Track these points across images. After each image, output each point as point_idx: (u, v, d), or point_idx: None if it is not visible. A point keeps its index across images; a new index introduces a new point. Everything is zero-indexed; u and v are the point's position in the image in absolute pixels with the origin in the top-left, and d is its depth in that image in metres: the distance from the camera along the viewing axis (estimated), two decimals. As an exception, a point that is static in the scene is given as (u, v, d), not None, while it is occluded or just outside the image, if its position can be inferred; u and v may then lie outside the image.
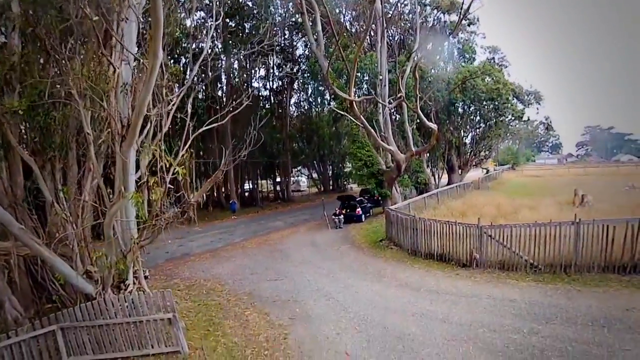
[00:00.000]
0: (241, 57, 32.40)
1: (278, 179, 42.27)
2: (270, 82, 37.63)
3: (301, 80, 39.90)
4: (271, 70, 37.10)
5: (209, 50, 26.72)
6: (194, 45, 19.41)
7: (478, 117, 33.75)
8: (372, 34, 24.18)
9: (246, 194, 39.46)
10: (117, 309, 6.77)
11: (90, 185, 8.57)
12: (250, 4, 30.53)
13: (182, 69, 19.50)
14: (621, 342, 5.84)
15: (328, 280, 10.78)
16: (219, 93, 32.03)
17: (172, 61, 22.45)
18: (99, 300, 6.89)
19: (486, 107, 31.33)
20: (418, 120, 25.70)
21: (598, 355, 5.59)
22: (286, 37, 35.49)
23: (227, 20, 28.86)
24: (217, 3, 11.23)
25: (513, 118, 33.79)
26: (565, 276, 8.95)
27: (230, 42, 29.38)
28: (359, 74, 22.42)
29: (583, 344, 5.90)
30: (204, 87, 30.34)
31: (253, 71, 35.50)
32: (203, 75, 27.69)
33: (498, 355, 5.86)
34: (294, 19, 32.08)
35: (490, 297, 8.18)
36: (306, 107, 44.10)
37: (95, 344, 6.80)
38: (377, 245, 14.57)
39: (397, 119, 27.96)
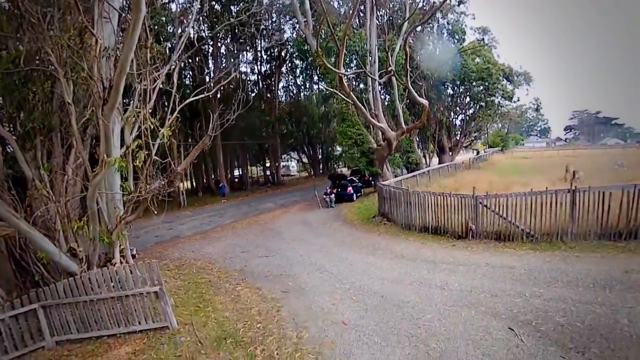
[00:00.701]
0: (228, 40, 31.69)
1: (267, 164, 41.86)
2: (259, 66, 37.02)
3: (289, 64, 39.30)
4: (259, 54, 36.46)
5: (195, 34, 26.25)
6: (179, 30, 18.78)
7: (468, 99, 33.74)
8: (361, 13, 23.66)
9: (236, 180, 39.08)
10: (101, 283, 6.41)
11: (74, 160, 8.13)
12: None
13: (168, 52, 18.97)
14: (623, 301, 5.73)
15: (321, 254, 10.55)
16: (207, 79, 31.38)
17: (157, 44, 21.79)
18: (82, 275, 6.51)
19: (476, 87, 31.28)
20: (408, 101, 25.68)
21: (602, 313, 5.46)
22: (274, 20, 34.66)
23: (214, 3, 27.99)
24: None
25: (503, 99, 33.85)
26: (562, 244, 8.84)
27: (217, 26, 28.65)
28: (347, 53, 21.96)
29: (586, 304, 5.77)
30: (190, 72, 29.73)
31: (241, 55, 34.70)
32: (190, 60, 27.07)
33: (502, 318, 5.68)
34: (281, 1, 31.25)
35: (488, 265, 8.02)
36: (295, 91, 43.64)
37: (79, 323, 6.47)
38: (370, 222, 14.37)
39: (387, 99, 27.70)
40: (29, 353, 6.22)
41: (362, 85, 24.54)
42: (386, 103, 26.46)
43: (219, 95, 28.93)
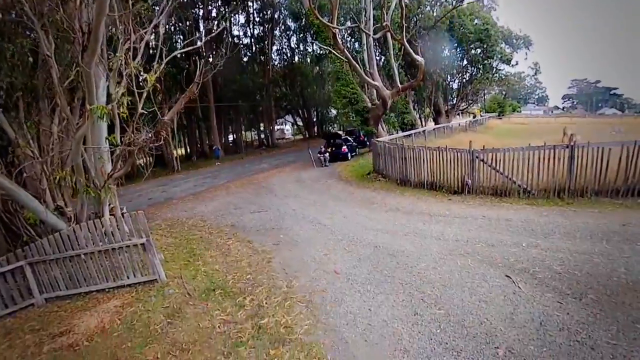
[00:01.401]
0: (219, 2, 30.16)
1: (262, 127, 41.20)
2: (251, 29, 36.03)
3: (282, 27, 37.97)
4: (251, 17, 35.39)
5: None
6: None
7: (465, 62, 32.82)
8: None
9: (230, 144, 38.48)
10: (87, 237, 6.18)
11: (58, 117, 7.69)
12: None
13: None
14: (620, 252, 5.63)
15: (314, 209, 10.38)
16: (198, 43, 30.02)
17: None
18: (67, 230, 6.27)
19: (474, 49, 30.34)
20: (404, 62, 24.85)
21: (599, 262, 5.36)
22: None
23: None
24: None
25: (501, 62, 32.97)
26: (560, 200, 8.71)
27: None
28: (341, 11, 20.97)
29: (583, 254, 5.66)
30: (181, 36, 28.38)
31: (232, 18, 33.21)
32: (180, 24, 25.75)
33: (498, 266, 5.57)
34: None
35: (485, 217, 7.89)
36: (289, 54, 42.53)
37: (68, 279, 6.30)
38: (364, 178, 14.17)
39: (383, 60, 26.84)
40: (19, 311, 6.08)
41: (356, 45, 23.73)
42: (381, 64, 25.71)
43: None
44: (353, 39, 26.95)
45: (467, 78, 33.98)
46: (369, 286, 5.48)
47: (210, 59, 23.12)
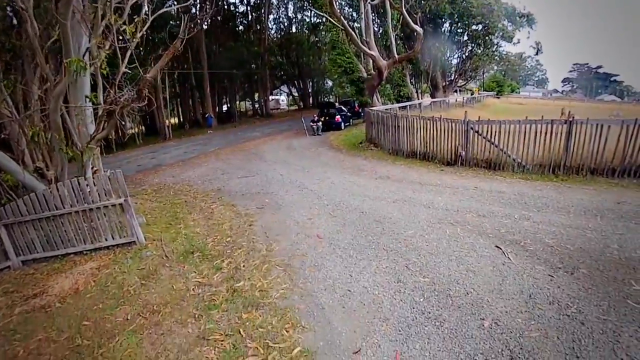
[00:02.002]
0: None
1: (256, 97, 40.29)
2: None
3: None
4: None
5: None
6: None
7: (466, 37, 31.81)
8: None
9: (224, 114, 37.55)
10: (64, 197, 5.81)
11: (39, 76, 7.19)
12: None
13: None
14: (614, 228, 5.39)
15: (302, 174, 10.06)
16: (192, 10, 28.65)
17: None
18: (43, 190, 5.91)
19: (475, 24, 29.32)
20: (402, 34, 23.93)
21: (592, 238, 5.12)
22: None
23: None
24: None
25: (502, 39, 32.04)
26: (554, 177, 8.45)
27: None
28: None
29: (577, 229, 5.42)
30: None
31: None
32: None
33: (489, 236, 5.30)
34: None
35: (477, 188, 7.61)
36: (286, 23, 41.22)
37: (44, 241, 6.03)
38: (356, 147, 13.83)
39: (380, 31, 25.88)
40: (-5, 273, 5.81)
41: (354, 15, 22.83)
42: (379, 35, 24.84)
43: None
44: (351, 9, 25.91)
45: (467, 54, 33.07)
46: (352, 251, 5.20)
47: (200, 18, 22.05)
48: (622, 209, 6.19)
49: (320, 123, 19.28)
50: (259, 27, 35.82)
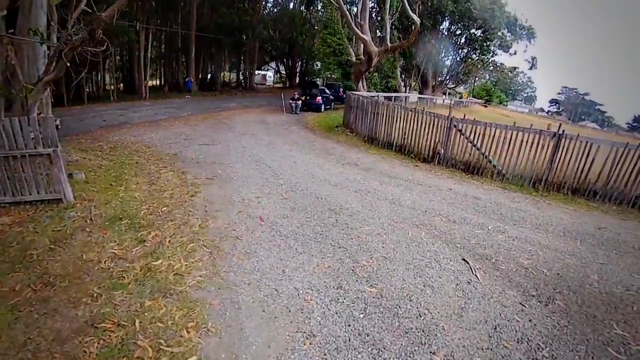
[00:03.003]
0: None
1: (242, 67, 38.52)
2: None
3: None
4: None
5: None
6: None
7: (463, 39, 31.17)
8: None
9: (207, 81, 35.56)
10: None
11: None
12: None
13: None
14: (594, 256, 4.74)
15: (267, 149, 9.09)
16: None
17: None
18: None
19: (474, 28, 28.71)
20: (399, 24, 22.99)
21: (571, 264, 4.43)
22: None
23: None
24: None
25: (500, 48, 31.65)
26: (533, 190, 7.82)
27: None
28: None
29: (555, 251, 4.72)
30: None
31: None
32: None
33: (456, 246, 4.51)
34: None
35: (451, 190, 6.84)
36: None
37: None
38: (331, 130, 12.91)
39: (378, 19, 24.84)
40: None
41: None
42: (375, 22, 23.87)
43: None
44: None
45: (462, 57, 32.48)
46: (293, 242, 4.31)
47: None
48: (603, 235, 5.57)
49: (299, 102, 18.20)
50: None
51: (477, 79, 47.09)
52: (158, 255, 3.91)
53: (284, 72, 46.79)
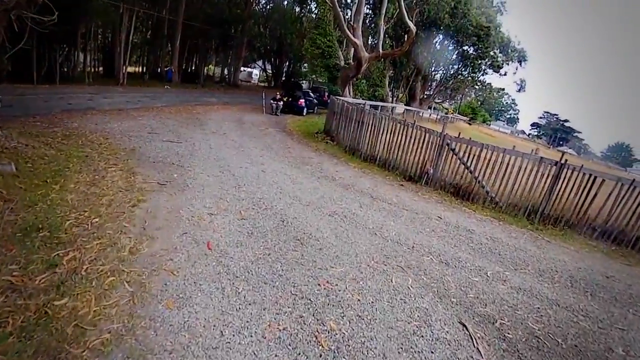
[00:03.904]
0: None
1: (229, 62, 37.20)
2: None
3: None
4: None
5: None
6: None
7: (455, 55, 30.89)
8: None
9: (190, 73, 34.08)
10: None
11: None
12: None
13: None
14: (611, 317, 3.93)
15: (235, 152, 8.01)
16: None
17: None
18: None
19: (469, 44, 28.45)
20: (392, 33, 22.32)
21: (587, 329, 3.57)
22: None
23: None
24: None
25: (491, 67, 31.54)
26: (528, 222, 7.03)
27: None
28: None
29: (567, 310, 3.85)
30: None
31: None
32: None
33: (451, 301, 3.54)
34: None
35: (441, 219, 5.91)
36: None
37: None
38: (310, 136, 11.87)
39: (372, 25, 24.20)
40: None
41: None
42: (369, 28, 23.24)
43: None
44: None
45: (452, 72, 32.20)
46: (243, 285, 3.25)
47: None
48: (613, 287, 4.78)
49: (281, 103, 17.16)
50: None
51: (463, 96, 47.22)
52: (65, 289, 2.80)
53: (270, 71, 45.55)
